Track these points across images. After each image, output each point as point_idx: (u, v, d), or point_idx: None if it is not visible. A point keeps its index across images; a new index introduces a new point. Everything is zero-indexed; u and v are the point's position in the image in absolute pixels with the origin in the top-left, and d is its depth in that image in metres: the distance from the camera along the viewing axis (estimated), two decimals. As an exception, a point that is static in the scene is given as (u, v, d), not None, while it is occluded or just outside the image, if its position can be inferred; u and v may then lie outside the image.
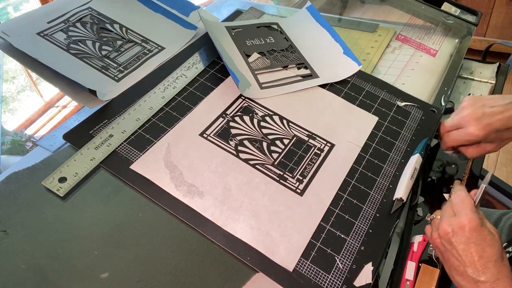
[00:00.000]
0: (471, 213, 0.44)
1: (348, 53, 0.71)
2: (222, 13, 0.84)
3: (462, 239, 0.43)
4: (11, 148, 0.82)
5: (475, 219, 0.43)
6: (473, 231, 0.42)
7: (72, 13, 0.70)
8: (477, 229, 0.42)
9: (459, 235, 0.43)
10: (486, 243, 0.42)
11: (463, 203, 0.45)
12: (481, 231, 0.42)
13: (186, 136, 0.55)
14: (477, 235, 0.42)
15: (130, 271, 0.43)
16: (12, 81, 1.53)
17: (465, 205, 0.45)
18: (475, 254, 0.42)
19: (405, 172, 0.55)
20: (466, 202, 0.45)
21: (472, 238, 0.42)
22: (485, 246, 0.42)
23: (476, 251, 0.42)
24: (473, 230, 0.42)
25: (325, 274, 0.44)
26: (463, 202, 0.46)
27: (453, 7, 0.87)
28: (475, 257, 0.42)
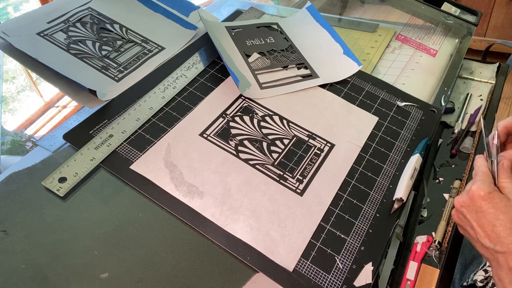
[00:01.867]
0: (479, 182, 0.42)
1: (348, 53, 0.71)
2: (222, 13, 0.84)
3: (474, 209, 0.41)
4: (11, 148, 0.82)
5: (481, 187, 0.41)
6: (482, 199, 0.40)
7: (72, 13, 0.70)
8: (485, 197, 0.40)
9: (470, 206, 0.42)
10: (499, 210, 0.39)
11: (475, 173, 0.44)
12: (491, 198, 0.40)
13: (186, 136, 0.55)
14: (487, 203, 0.40)
15: (130, 271, 0.43)
16: (12, 81, 1.53)
17: (476, 174, 0.43)
18: (488, 224, 0.40)
19: (405, 172, 0.55)
20: (477, 170, 0.44)
21: (482, 207, 0.40)
22: (498, 213, 0.39)
23: (489, 221, 0.40)
24: (481, 199, 0.40)
25: (325, 274, 0.44)
26: (476, 171, 0.44)
27: (453, 7, 0.87)
28: (489, 227, 0.40)
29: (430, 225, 0.53)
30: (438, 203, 0.56)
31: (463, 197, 0.43)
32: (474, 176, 0.44)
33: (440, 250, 0.50)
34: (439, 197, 0.57)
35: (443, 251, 0.50)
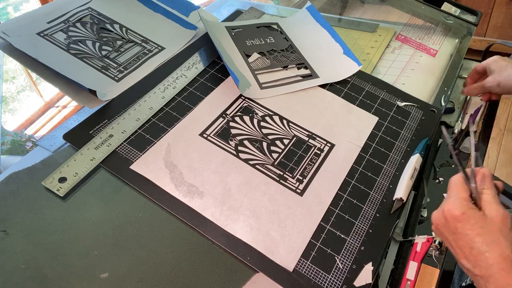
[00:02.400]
0: (452, 200, 0.40)
1: (348, 53, 0.71)
2: (222, 13, 0.84)
3: (450, 230, 0.40)
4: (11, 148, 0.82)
5: (455, 206, 0.39)
6: (456, 221, 0.38)
7: (72, 13, 0.70)
8: (460, 218, 0.38)
9: (446, 226, 0.40)
10: (475, 232, 0.37)
11: (450, 190, 0.42)
12: (466, 220, 0.38)
13: (186, 136, 0.55)
14: (462, 225, 0.38)
15: (130, 271, 0.43)
16: (12, 81, 1.53)
17: (450, 188, 0.41)
18: (465, 246, 0.38)
19: (405, 172, 0.55)
20: (451, 184, 0.42)
21: (458, 228, 0.38)
22: (474, 235, 0.37)
23: (466, 243, 0.38)
24: (456, 220, 0.38)
25: (325, 274, 0.44)
26: (450, 188, 0.42)
27: (453, 7, 0.87)
28: (466, 249, 0.38)
29: (430, 225, 0.53)
30: (438, 203, 0.55)
31: (438, 215, 0.41)
32: (448, 190, 0.42)
33: (440, 250, 0.50)
34: (439, 197, 0.57)
35: (443, 251, 0.50)
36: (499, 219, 0.38)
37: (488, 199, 0.39)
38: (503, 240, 0.36)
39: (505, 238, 0.36)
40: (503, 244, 0.36)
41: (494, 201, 0.39)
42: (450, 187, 0.42)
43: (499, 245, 0.36)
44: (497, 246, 0.36)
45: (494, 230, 0.37)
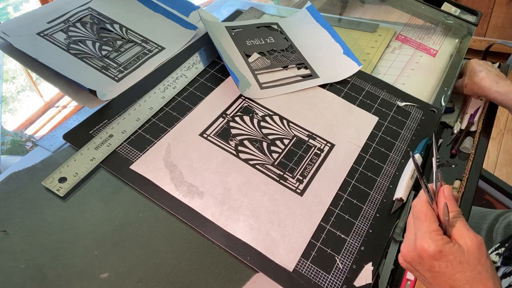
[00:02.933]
0: (424, 237, 0.37)
1: (348, 53, 0.71)
2: (222, 13, 0.84)
3: (426, 267, 0.38)
4: (11, 148, 0.82)
5: (430, 244, 0.37)
6: (433, 259, 0.36)
7: (72, 13, 0.70)
8: (436, 257, 0.36)
9: (420, 264, 0.38)
10: (455, 270, 0.36)
11: (417, 220, 0.39)
12: (443, 257, 0.36)
13: (186, 136, 0.55)
14: (440, 263, 0.36)
15: (130, 271, 0.43)
16: (12, 81, 1.53)
17: (420, 223, 0.39)
18: (443, 284, 0.36)
19: (405, 172, 0.55)
20: (419, 217, 0.39)
21: (435, 267, 0.37)
22: (454, 273, 0.36)
23: (445, 281, 0.36)
24: (432, 259, 0.37)
25: (325, 274, 0.44)
26: (418, 218, 0.39)
27: (453, 7, 0.87)
28: (445, 287, 0.37)
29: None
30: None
31: (410, 252, 0.39)
32: (416, 219, 0.40)
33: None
34: (439, 197, 0.57)
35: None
36: (476, 248, 0.36)
37: (459, 226, 0.38)
38: (484, 273, 0.35)
39: (486, 270, 0.35)
40: (484, 277, 0.35)
41: (465, 228, 0.37)
42: (418, 217, 0.39)
43: (480, 280, 0.35)
44: (478, 283, 0.35)
45: (474, 263, 0.36)
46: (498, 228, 0.67)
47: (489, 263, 0.36)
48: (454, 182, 0.58)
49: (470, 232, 0.37)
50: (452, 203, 0.39)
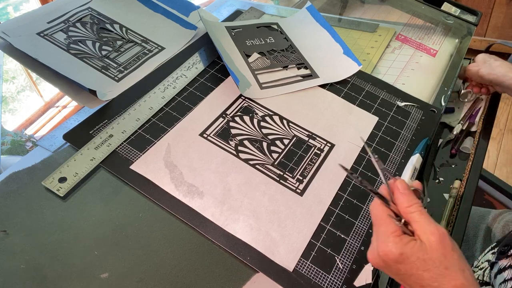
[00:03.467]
0: (385, 242, 0.36)
1: (348, 53, 0.71)
2: (222, 13, 0.84)
3: (392, 272, 0.37)
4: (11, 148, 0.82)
5: (390, 249, 0.35)
6: (396, 263, 0.36)
7: (72, 13, 0.70)
8: (399, 260, 0.35)
9: (387, 269, 0.37)
10: (421, 269, 0.35)
11: (375, 225, 0.38)
12: (406, 259, 0.35)
13: (186, 136, 0.55)
14: (405, 266, 0.35)
15: (130, 271, 0.43)
16: (12, 81, 1.53)
17: (378, 228, 0.38)
18: (415, 285, 0.36)
19: (405, 172, 0.55)
20: (376, 222, 0.38)
21: (401, 270, 0.36)
22: (420, 273, 0.35)
23: (415, 282, 0.36)
24: (396, 262, 0.36)
25: (325, 274, 0.44)
26: (375, 223, 0.38)
27: (453, 7, 0.87)
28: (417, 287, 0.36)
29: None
30: (438, 203, 0.56)
31: (375, 259, 0.38)
32: (374, 225, 0.39)
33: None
34: (439, 197, 0.57)
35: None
36: (438, 243, 0.35)
37: (420, 221, 0.36)
38: (451, 266, 0.34)
39: (453, 264, 0.34)
40: (453, 272, 0.34)
41: (426, 222, 0.36)
42: (375, 222, 0.38)
43: (448, 275, 0.34)
44: (447, 278, 0.34)
45: (439, 259, 0.35)
46: (496, 228, 0.67)
47: (457, 255, 0.35)
48: (454, 182, 0.58)
49: (432, 225, 0.36)
50: (408, 197, 0.38)
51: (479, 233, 0.69)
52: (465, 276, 0.34)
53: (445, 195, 0.57)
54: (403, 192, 0.38)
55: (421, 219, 0.36)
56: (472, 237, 0.69)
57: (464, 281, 0.34)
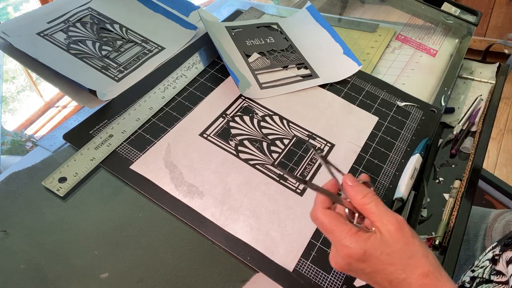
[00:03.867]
0: (344, 243, 0.34)
1: (348, 53, 0.71)
2: (222, 13, 0.84)
3: (358, 272, 0.36)
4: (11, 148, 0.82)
5: (351, 250, 0.34)
6: (360, 261, 0.34)
7: (72, 13, 0.70)
8: (363, 259, 0.34)
9: (353, 270, 0.36)
10: (386, 263, 0.34)
11: (327, 234, 0.36)
12: (369, 257, 0.34)
13: (186, 136, 0.55)
14: (369, 264, 0.34)
15: (130, 271, 0.43)
16: (12, 81, 1.53)
17: (331, 237, 0.36)
18: (382, 280, 0.35)
19: (405, 172, 0.55)
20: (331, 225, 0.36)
21: (366, 269, 0.35)
22: (386, 267, 0.34)
23: (382, 278, 0.35)
24: (360, 261, 0.34)
25: (325, 274, 0.44)
26: (326, 232, 0.36)
27: (453, 7, 0.87)
28: (385, 283, 0.35)
29: (430, 225, 0.53)
30: (438, 203, 0.56)
31: (339, 263, 0.36)
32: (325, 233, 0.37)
33: (440, 250, 0.50)
34: (439, 197, 0.57)
35: (443, 251, 0.50)
36: (399, 231, 0.34)
37: (376, 211, 0.35)
38: (415, 254, 0.34)
39: (416, 251, 0.34)
40: (417, 260, 0.33)
41: (384, 212, 0.35)
42: (326, 229, 0.36)
43: (413, 265, 0.33)
44: (412, 268, 0.33)
45: (401, 249, 0.34)
46: (497, 228, 0.67)
47: (417, 241, 0.34)
48: (454, 182, 0.58)
49: (389, 214, 0.35)
50: (360, 188, 0.36)
51: (479, 233, 0.69)
52: (429, 262, 0.34)
53: (445, 195, 0.57)
54: (353, 185, 0.37)
55: (377, 209, 0.35)
56: (473, 236, 0.69)
57: (429, 267, 0.33)
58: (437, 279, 0.33)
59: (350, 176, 0.37)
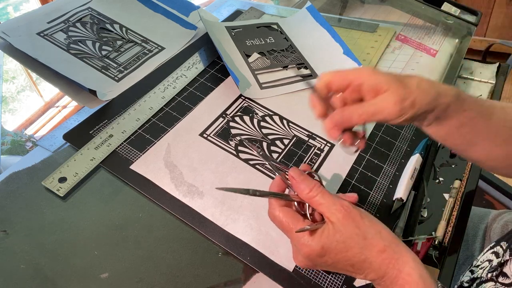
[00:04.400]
0: (302, 243, 0.36)
1: (348, 53, 0.71)
2: (222, 13, 0.84)
3: (322, 265, 0.37)
4: (11, 148, 0.82)
5: (309, 248, 0.35)
6: (320, 256, 0.36)
7: (72, 13, 0.70)
8: (322, 253, 0.35)
9: (316, 264, 0.37)
10: (344, 252, 0.35)
11: (286, 232, 0.38)
12: (328, 249, 0.35)
13: (186, 136, 0.55)
14: (329, 256, 0.36)
15: (130, 271, 0.43)
16: (12, 81, 1.53)
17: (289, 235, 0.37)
18: (346, 266, 0.36)
19: (405, 172, 0.55)
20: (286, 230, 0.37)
21: (327, 261, 0.36)
22: (344, 255, 0.35)
23: (344, 265, 0.36)
24: (319, 256, 0.36)
25: (325, 274, 0.44)
26: (284, 231, 0.38)
27: (453, 7, 0.87)
28: (349, 268, 0.36)
29: (430, 225, 0.53)
30: (438, 203, 0.56)
31: (301, 261, 0.38)
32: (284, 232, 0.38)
33: (440, 250, 0.50)
34: (439, 197, 0.57)
35: (443, 251, 0.50)
36: (347, 217, 0.35)
37: (324, 202, 0.36)
38: (367, 234, 0.35)
39: (366, 231, 0.35)
40: (371, 239, 0.35)
41: (331, 202, 0.36)
42: (285, 228, 0.37)
43: (369, 244, 0.35)
44: (370, 247, 0.35)
45: (354, 231, 0.35)
46: (496, 228, 0.67)
47: (367, 220, 0.36)
48: (454, 182, 0.58)
49: (336, 202, 0.36)
50: (306, 182, 0.37)
51: (478, 233, 0.69)
52: (382, 238, 0.35)
53: (445, 195, 0.57)
54: (299, 179, 0.37)
55: (325, 200, 0.36)
56: (472, 237, 0.69)
57: (385, 243, 0.35)
58: (394, 251, 0.35)
59: (295, 170, 0.38)
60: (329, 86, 0.39)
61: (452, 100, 0.39)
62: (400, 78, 0.38)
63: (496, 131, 0.42)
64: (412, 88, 0.38)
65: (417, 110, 0.38)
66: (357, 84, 0.38)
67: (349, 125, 0.39)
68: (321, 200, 0.36)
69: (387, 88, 0.37)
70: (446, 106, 0.39)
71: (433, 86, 0.39)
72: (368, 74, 0.38)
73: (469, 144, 0.42)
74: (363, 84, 0.38)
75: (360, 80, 0.38)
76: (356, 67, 0.40)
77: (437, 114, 0.40)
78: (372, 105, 0.37)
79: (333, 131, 0.39)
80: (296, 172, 0.38)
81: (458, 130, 0.41)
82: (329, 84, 0.39)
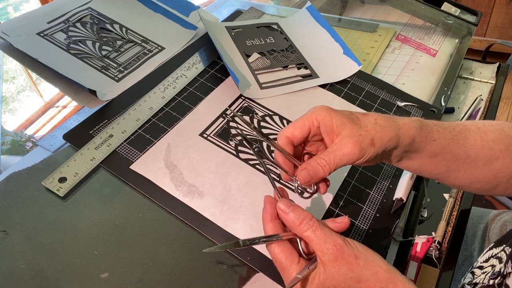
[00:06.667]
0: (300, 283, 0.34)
1: (348, 53, 0.71)
2: (222, 13, 0.84)
3: None
4: (11, 148, 0.82)
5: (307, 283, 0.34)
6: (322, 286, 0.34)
7: (72, 13, 0.70)
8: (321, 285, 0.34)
9: None
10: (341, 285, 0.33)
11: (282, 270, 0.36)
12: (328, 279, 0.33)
13: (186, 136, 0.55)
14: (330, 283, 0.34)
15: (130, 271, 0.43)
16: (12, 81, 1.53)
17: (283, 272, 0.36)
18: None
19: (405, 172, 0.55)
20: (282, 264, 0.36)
21: None
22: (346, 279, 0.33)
23: None
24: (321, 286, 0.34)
25: (325, 274, 0.44)
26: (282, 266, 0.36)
27: (453, 7, 0.87)
28: None
29: (430, 225, 0.53)
30: (438, 203, 0.56)
31: None
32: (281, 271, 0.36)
33: (440, 250, 0.50)
34: (439, 197, 0.57)
35: (443, 251, 0.50)
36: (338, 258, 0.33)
37: (314, 239, 0.34)
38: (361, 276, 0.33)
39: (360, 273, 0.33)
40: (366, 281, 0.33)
41: (320, 238, 0.34)
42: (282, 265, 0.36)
43: (366, 280, 0.33)
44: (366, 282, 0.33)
45: (347, 275, 0.33)
46: (494, 228, 0.67)
47: (362, 260, 0.34)
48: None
49: (328, 240, 0.34)
50: (294, 215, 0.35)
51: (477, 233, 0.69)
52: (378, 279, 0.33)
53: (445, 195, 0.57)
54: (289, 211, 0.35)
55: (316, 237, 0.34)
56: (471, 237, 0.69)
57: (381, 284, 0.33)
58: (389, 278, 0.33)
59: (284, 201, 0.36)
60: (291, 141, 0.39)
61: (416, 132, 0.38)
62: (355, 118, 0.38)
63: (475, 154, 0.41)
64: (369, 126, 0.37)
65: (378, 148, 0.37)
66: (316, 127, 0.38)
67: (319, 180, 0.39)
68: (312, 236, 0.34)
69: (341, 130, 0.37)
70: (411, 140, 0.38)
71: (392, 121, 0.38)
72: (324, 116, 0.38)
73: (448, 171, 0.41)
74: (320, 126, 0.38)
75: (317, 123, 0.38)
76: (311, 109, 0.39)
77: (404, 149, 0.39)
78: (332, 153, 0.37)
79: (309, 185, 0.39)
80: (285, 204, 0.36)
81: (432, 160, 0.40)
82: (291, 139, 0.39)
